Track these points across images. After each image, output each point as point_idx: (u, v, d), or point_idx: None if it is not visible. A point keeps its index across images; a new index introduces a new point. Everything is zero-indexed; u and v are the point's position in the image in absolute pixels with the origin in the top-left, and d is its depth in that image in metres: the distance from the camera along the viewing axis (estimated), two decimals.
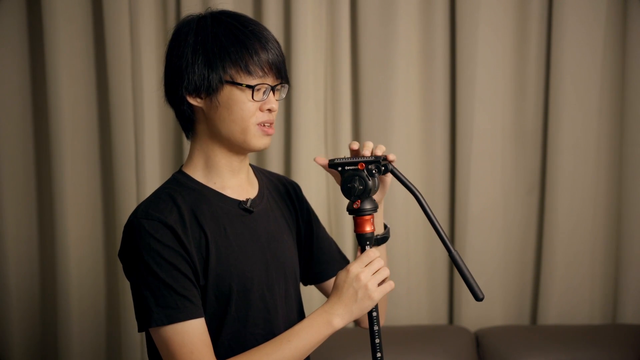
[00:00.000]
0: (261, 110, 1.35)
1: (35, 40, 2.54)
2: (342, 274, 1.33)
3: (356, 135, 2.60)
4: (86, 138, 2.55)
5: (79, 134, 2.54)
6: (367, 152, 1.38)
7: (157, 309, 1.27)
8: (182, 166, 1.43)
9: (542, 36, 2.55)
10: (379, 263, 1.33)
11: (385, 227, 1.50)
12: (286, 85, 1.40)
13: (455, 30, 2.54)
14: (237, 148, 1.38)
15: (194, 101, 1.37)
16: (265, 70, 1.34)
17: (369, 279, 1.31)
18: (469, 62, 2.51)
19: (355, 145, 1.41)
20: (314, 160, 1.44)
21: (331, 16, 2.53)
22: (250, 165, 1.50)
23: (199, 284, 1.33)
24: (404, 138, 2.55)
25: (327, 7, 2.52)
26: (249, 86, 1.32)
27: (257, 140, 1.36)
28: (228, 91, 1.33)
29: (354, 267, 1.32)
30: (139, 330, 1.33)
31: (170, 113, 2.54)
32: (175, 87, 1.37)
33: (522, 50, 2.56)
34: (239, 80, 1.32)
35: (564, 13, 2.48)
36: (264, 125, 1.36)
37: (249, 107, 1.33)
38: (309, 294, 2.28)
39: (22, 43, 2.54)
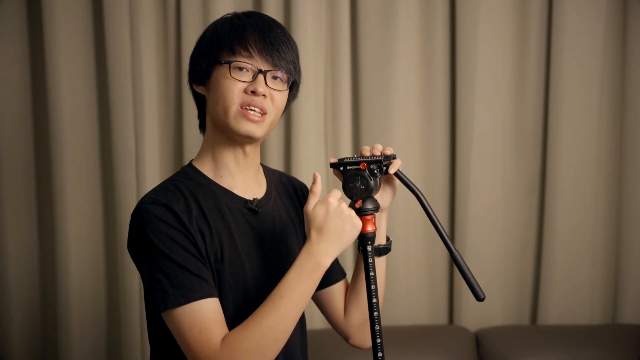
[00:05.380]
0: (246, 92, 1.34)
1: (35, 41, 2.54)
2: (319, 208, 1.28)
3: (356, 135, 2.60)
4: (86, 138, 2.55)
5: (79, 134, 2.53)
6: (376, 153, 1.39)
7: (172, 290, 1.26)
8: (192, 160, 1.44)
9: (542, 36, 2.55)
10: None
11: (388, 239, 1.49)
12: (285, 76, 1.38)
13: (455, 30, 2.54)
14: (229, 134, 1.37)
15: (197, 89, 1.40)
16: (252, 51, 1.33)
17: (350, 209, 1.30)
18: (469, 62, 2.51)
19: (366, 152, 1.41)
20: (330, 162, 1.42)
21: (331, 16, 2.53)
22: (262, 165, 1.50)
23: (210, 267, 1.32)
24: (404, 138, 2.55)
25: (327, 7, 2.53)
26: (227, 62, 1.33)
27: (238, 123, 1.34)
28: (216, 72, 1.36)
29: (333, 200, 1.28)
30: (153, 315, 1.33)
31: (170, 112, 2.58)
32: (189, 80, 1.43)
33: (522, 50, 2.56)
34: (221, 59, 1.34)
35: (564, 12, 2.48)
36: (245, 108, 1.34)
37: (229, 85, 1.33)
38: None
39: (22, 43, 2.54)
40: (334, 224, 1.27)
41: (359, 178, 1.34)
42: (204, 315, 1.26)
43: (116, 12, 2.45)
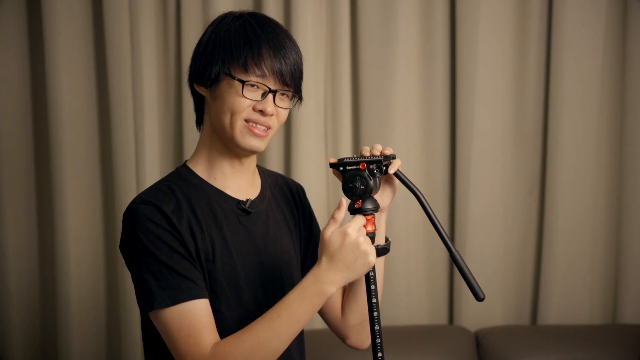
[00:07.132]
0: (254, 109, 1.34)
1: (35, 41, 2.54)
2: (335, 237, 1.25)
3: (356, 135, 2.60)
4: (86, 138, 2.55)
5: (79, 134, 2.53)
6: (376, 153, 1.38)
7: (159, 290, 1.27)
8: (186, 160, 1.44)
9: (542, 36, 2.55)
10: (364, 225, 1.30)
11: (387, 239, 1.48)
12: (291, 94, 1.39)
13: (455, 30, 2.54)
14: (231, 146, 1.37)
15: (199, 89, 1.39)
16: (266, 71, 1.34)
17: (368, 244, 1.27)
18: (469, 62, 2.51)
19: (366, 152, 1.41)
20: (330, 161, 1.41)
21: (331, 16, 2.53)
22: (258, 166, 1.50)
23: (201, 268, 1.32)
24: (404, 138, 2.55)
25: (327, 7, 2.53)
26: (240, 80, 1.33)
27: (243, 137, 1.35)
28: (225, 83, 1.35)
29: (352, 231, 1.26)
30: (143, 315, 1.33)
31: (170, 112, 2.58)
32: (189, 75, 1.42)
33: (522, 50, 2.56)
34: (234, 74, 1.34)
35: (564, 13, 2.48)
36: (250, 123, 1.34)
37: (239, 102, 1.33)
38: None
39: (22, 43, 2.54)
40: (346, 256, 1.26)
41: (359, 178, 1.34)
42: (192, 318, 1.26)
43: (116, 12, 2.45)
